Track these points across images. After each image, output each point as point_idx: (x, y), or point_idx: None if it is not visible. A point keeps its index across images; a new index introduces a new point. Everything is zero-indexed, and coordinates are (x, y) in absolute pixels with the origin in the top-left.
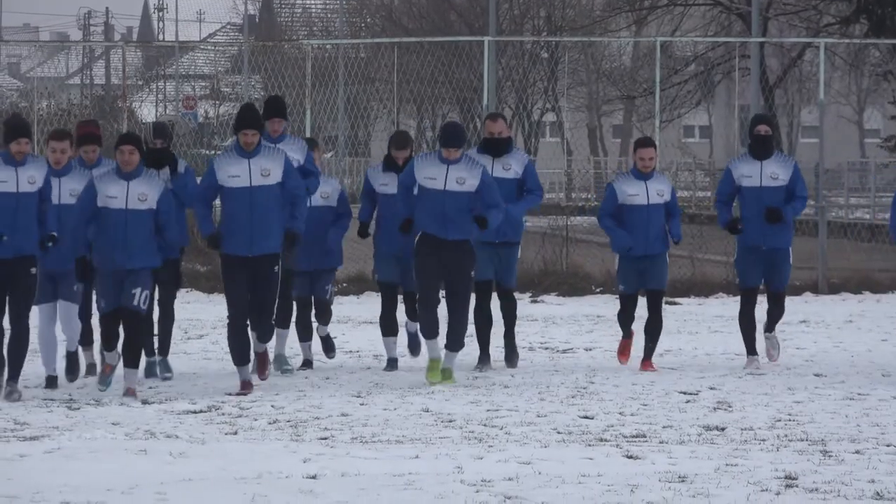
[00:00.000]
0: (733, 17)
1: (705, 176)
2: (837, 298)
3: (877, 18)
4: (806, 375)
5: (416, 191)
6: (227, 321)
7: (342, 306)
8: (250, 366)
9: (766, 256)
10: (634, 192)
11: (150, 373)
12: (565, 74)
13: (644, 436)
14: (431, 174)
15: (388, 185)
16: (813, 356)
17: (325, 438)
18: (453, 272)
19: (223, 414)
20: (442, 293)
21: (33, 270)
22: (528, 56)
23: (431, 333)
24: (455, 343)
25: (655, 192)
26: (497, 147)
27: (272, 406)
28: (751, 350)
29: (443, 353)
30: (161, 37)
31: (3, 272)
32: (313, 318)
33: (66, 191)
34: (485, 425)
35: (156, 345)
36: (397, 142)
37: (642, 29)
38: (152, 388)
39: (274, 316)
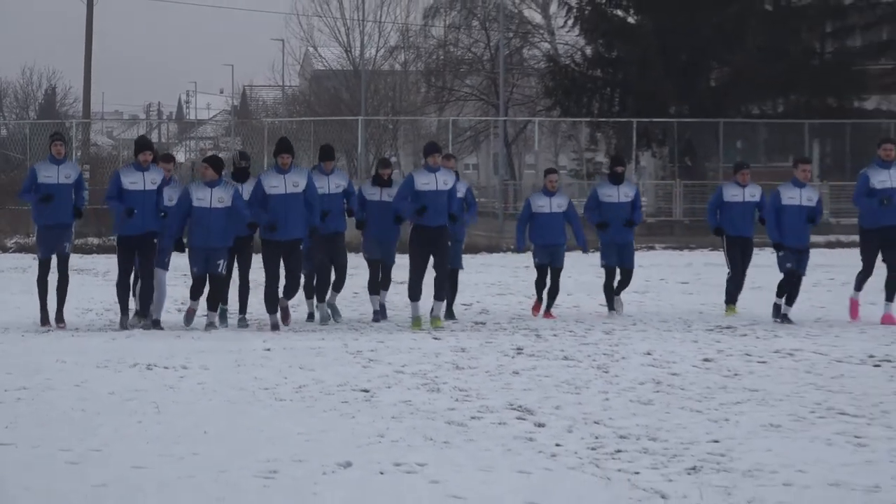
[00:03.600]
0: (490, 105)
1: (475, 189)
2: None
3: (564, 107)
4: (530, 297)
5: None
6: (265, 284)
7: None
8: (279, 314)
9: (619, 247)
10: (542, 204)
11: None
12: (401, 136)
13: (442, 328)
14: (426, 181)
15: (374, 195)
16: (529, 286)
17: (275, 330)
18: (439, 247)
19: (228, 319)
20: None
21: (154, 241)
22: (382, 127)
23: (416, 297)
24: (441, 295)
25: (556, 204)
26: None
27: (248, 316)
28: (610, 307)
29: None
30: (187, 116)
31: (136, 242)
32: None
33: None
34: (359, 322)
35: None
36: (383, 164)
37: (443, 111)
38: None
39: (301, 281)
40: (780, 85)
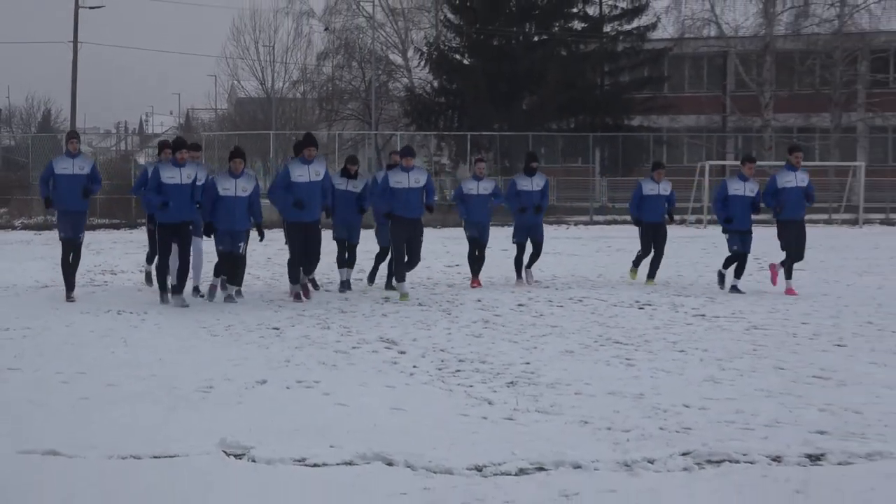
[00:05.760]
0: (365, 123)
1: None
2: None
3: (418, 124)
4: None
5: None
6: (290, 259)
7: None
8: (300, 286)
9: (531, 227)
10: (471, 188)
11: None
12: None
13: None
14: (399, 179)
15: (341, 185)
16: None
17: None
18: (414, 236)
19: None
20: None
21: (191, 227)
22: (287, 139)
23: (402, 278)
24: (410, 267)
25: (483, 188)
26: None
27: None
28: (518, 277)
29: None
30: (146, 131)
31: (174, 229)
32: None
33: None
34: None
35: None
36: (351, 160)
37: (331, 127)
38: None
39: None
40: (572, 108)
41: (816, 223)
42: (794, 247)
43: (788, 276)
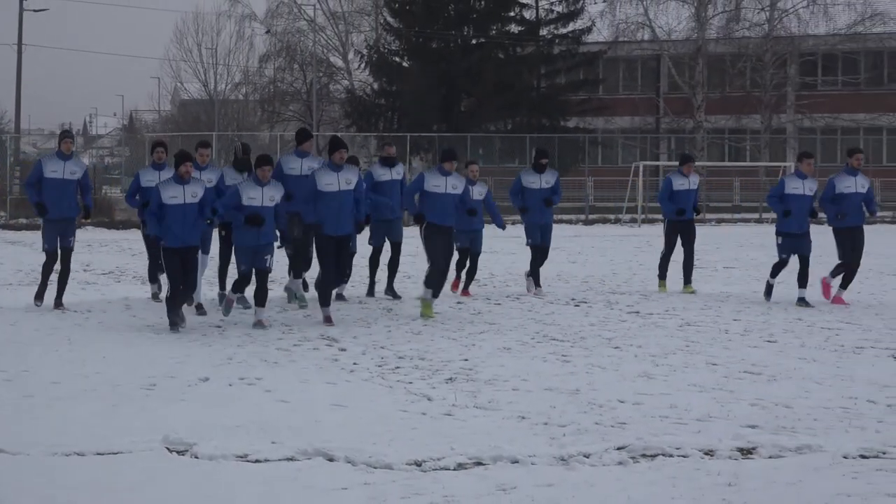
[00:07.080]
0: (307, 124)
1: None
2: None
3: (359, 125)
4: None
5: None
6: (321, 278)
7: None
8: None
9: (541, 227)
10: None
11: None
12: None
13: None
14: (437, 183)
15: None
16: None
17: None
18: (448, 246)
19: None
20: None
21: (197, 255)
22: (230, 140)
23: (437, 294)
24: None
25: (476, 192)
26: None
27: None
28: (537, 284)
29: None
30: (91, 132)
31: (182, 254)
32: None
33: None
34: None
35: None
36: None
37: (273, 129)
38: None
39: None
40: (509, 110)
41: (748, 222)
42: (851, 255)
43: (845, 285)
